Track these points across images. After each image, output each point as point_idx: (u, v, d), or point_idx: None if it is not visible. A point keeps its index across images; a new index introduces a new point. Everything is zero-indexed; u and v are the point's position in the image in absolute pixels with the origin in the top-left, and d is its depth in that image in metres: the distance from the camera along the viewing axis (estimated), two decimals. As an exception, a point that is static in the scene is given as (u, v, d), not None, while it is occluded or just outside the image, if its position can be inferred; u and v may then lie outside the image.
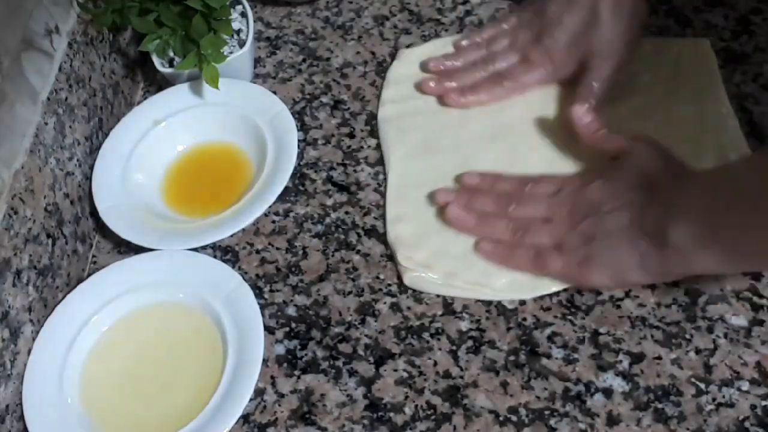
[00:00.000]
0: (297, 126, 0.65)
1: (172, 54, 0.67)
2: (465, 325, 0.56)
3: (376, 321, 0.57)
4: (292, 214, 0.63)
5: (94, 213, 0.64)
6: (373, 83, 0.71)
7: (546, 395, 0.52)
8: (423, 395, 0.53)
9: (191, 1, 0.63)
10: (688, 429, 0.50)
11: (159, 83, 0.73)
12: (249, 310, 0.56)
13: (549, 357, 0.54)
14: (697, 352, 0.53)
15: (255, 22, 0.72)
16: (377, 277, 0.59)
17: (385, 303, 0.58)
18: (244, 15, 0.70)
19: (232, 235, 0.61)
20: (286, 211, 0.64)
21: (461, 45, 0.70)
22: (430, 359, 0.55)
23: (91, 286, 0.59)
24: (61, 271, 0.59)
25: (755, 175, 0.46)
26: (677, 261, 0.51)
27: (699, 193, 0.50)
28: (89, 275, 0.61)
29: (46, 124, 0.58)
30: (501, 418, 0.52)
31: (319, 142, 0.67)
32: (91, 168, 0.65)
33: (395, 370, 0.55)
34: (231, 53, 0.67)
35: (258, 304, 0.56)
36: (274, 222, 0.63)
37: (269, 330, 0.57)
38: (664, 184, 0.53)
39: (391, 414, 0.53)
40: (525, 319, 0.56)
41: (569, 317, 0.55)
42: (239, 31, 0.69)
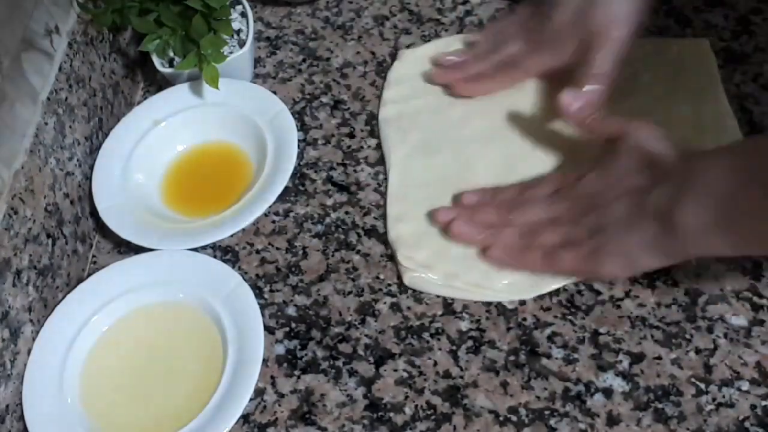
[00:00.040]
0: (297, 126, 0.65)
1: (172, 54, 0.67)
2: (465, 325, 0.56)
3: (376, 321, 0.57)
4: (292, 214, 0.63)
5: (94, 213, 0.64)
6: (373, 83, 0.71)
7: (546, 395, 0.52)
8: (423, 395, 0.53)
9: (191, 1, 0.63)
10: (688, 429, 0.50)
11: (159, 83, 0.73)
12: (249, 310, 0.56)
13: (549, 357, 0.54)
14: (697, 352, 0.53)
15: (255, 22, 0.72)
16: (377, 277, 0.59)
17: (385, 303, 0.58)
18: (244, 15, 0.70)
19: (232, 235, 0.61)
20: (286, 211, 0.64)
21: (473, 40, 0.70)
22: (430, 359, 0.55)
23: (91, 286, 0.59)
24: (61, 271, 0.59)
25: None
26: (689, 242, 0.49)
27: (710, 173, 0.48)
28: (89, 275, 0.60)
29: (46, 124, 0.58)
30: (501, 418, 0.52)
31: (319, 142, 0.67)
32: (91, 168, 0.65)
33: (395, 370, 0.55)
34: (231, 53, 0.67)
35: (258, 304, 0.56)
36: (274, 222, 0.63)
37: (269, 330, 0.57)
38: (667, 164, 0.51)
39: (391, 414, 0.53)
40: (525, 319, 0.56)
41: (569, 317, 0.55)
42: (239, 31, 0.69)
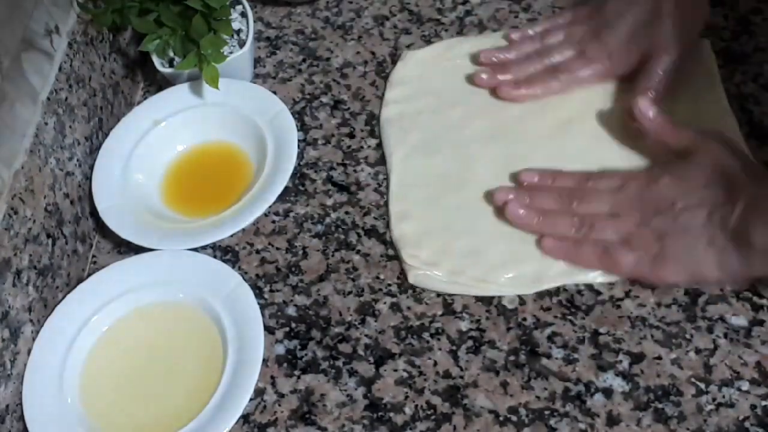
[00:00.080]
0: (297, 126, 0.65)
1: (172, 54, 0.67)
2: (465, 325, 0.56)
3: (376, 321, 0.57)
4: (292, 214, 0.63)
5: (94, 213, 0.64)
6: (373, 83, 0.71)
7: (546, 395, 0.52)
8: (423, 395, 0.53)
9: (191, 1, 0.63)
10: (688, 429, 0.50)
11: (159, 83, 0.73)
12: (249, 310, 0.56)
13: (549, 357, 0.54)
14: (697, 352, 0.53)
15: (255, 22, 0.72)
16: (377, 277, 0.59)
17: (385, 303, 0.58)
18: (244, 15, 0.70)
19: (232, 235, 0.61)
20: (286, 211, 0.64)
21: (513, 38, 0.68)
22: (430, 359, 0.55)
23: (91, 286, 0.59)
24: (61, 271, 0.59)
25: None
26: (759, 262, 0.49)
27: None
28: (89, 275, 0.61)
29: (46, 124, 0.58)
30: (501, 418, 0.52)
31: (319, 142, 0.67)
32: (91, 168, 0.65)
33: (395, 370, 0.55)
34: (231, 53, 0.67)
35: (258, 304, 0.56)
36: (274, 222, 0.63)
37: (269, 330, 0.57)
38: (742, 182, 0.51)
39: (391, 414, 0.53)
40: (525, 319, 0.56)
41: (569, 317, 0.55)
42: (239, 31, 0.69)
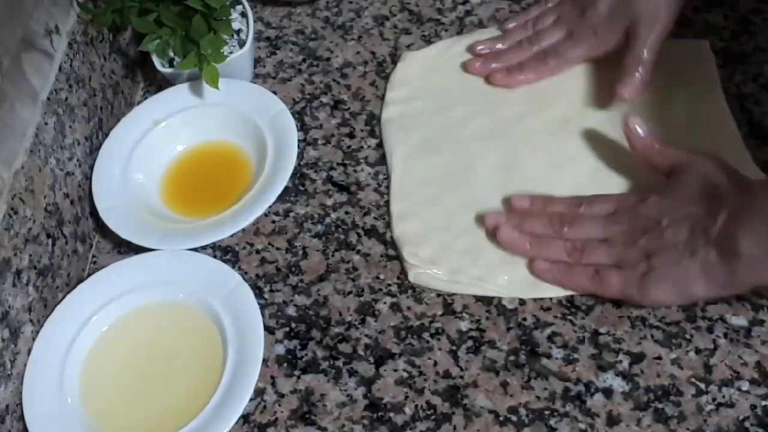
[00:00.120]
0: (297, 126, 0.65)
1: (172, 54, 0.67)
2: (465, 325, 0.56)
3: (376, 321, 0.57)
4: (292, 214, 0.63)
5: (94, 213, 0.64)
6: (373, 83, 0.71)
7: (546, 395, 0.52)
8: (423, 395, 0.53)
9: (191, 1, 0.63)
10: (688, 429, 0.50)
11: (159, 83, 0.73)
12: (249, 310, 0.56)
13: (549, 357, 0.54)
14: (697, 352, 0.53)
15: (255, 22, 0.72)
16: (377, 277, 0.59)
17: (385, 303, 0.58)
18: (244, 15, 0.70)
19: (232, 235, 0.61)
20: (286, 211, 0.64)
21: (507, 27, 0.69)
22: (430, 359, 0.55)
23: (91, 286, 0.59)
24: (61, 271, 0.59)
25: None
26: (747, 271, 0.49)
27: None
28: (89, 275, 0.60)
29: (46, 124, 0.58)
30: (501, 418, 0.52)
31: (319, 142, 0.67)
32: (91, 168, 0.65)
33: (395, 370, 0.55)
34: (231, 53, 0.67)
35: (258, 304, 0.56)
36: (274, 222, 0.63)
37: (269, 330, 0.57)
38: (729, 193, 0.51)
39: (391, 414, 0.53)
40: (525, 319, 0.56)
41: (569, 317, 0.55)
42: (239, 31, 0.69)
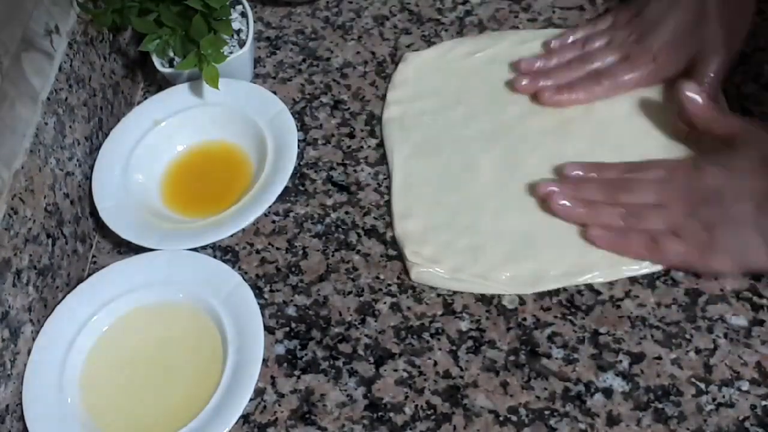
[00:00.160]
0: (297, 126, 0.65)
1: (172, 54, 0.67)
2: (465, 325, 0.56)
3: (376, 321, 0.57)
4: (292, 214, 0.63)
5: (94, 213, 0.64)
6: (373, 83, 0.71)
7: (546, 395, 0.52)
8: (423, 395, 0.53)
9: (191, 1, 0.63)
10: (688, 429, 0.50)
11: (159, 83, 0.73)
12: (249, 310, 0.56)
13: (549, 357, 0.54)
14: (697, 352, 0.53)
15: (255, 22, 0.72)
16: (377, 277, 0.59)
17: (385, 303, 0.58)
18: (244, 15, 0.70)
19: (232, 235, 0.61)
20: (286, 211, 0.64)
21: (553, 47, 0.68)
22: (430, 359, 0.55)
23: (91, 286, 0.59)
24: (61, 271, 0.59)
25: None
26: None
27: None
28: (89, 275, 0.61)
29: (46, 124, 0.58)
30: (501, 418, 0.52)
31: (319, 142, 0.67)
32: (91, 168, 0.65)
33: (395, 370, 0.55)
34: (231, 53, 0.67)
35: (258, 304, 0.56)
36: (274, 222, 0.63)
37: (269, 330, 0.57)
38: None
39: (391, 414, 0.53)
40: (525, 319, 0.56)
41: (569, 317, 0.55)
42: (239, 31, 0.69)
